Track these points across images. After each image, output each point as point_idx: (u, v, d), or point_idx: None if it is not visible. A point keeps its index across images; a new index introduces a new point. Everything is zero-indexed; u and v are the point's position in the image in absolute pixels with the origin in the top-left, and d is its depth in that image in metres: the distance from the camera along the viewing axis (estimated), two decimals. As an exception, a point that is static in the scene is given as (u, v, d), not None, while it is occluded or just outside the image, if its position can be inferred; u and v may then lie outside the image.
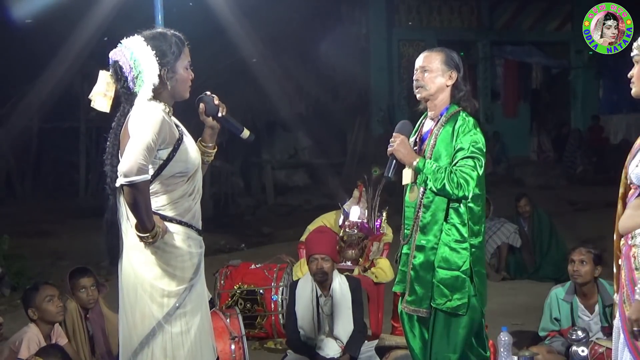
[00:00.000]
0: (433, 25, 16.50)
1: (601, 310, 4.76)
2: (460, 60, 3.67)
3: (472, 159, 3.44)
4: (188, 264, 2.99)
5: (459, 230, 3.49)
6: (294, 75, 13.67)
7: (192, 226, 3.02)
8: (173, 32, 3.10)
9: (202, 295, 3.10)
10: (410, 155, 3.50)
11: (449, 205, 3.50)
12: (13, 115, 12.96)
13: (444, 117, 3.59)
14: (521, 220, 7.77)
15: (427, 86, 3.60)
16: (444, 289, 3.50)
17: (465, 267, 3.48)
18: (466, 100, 3.63)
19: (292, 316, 4.83)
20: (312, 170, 14.60)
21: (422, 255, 3.55)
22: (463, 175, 3.40)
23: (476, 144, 3.47)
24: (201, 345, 3.05)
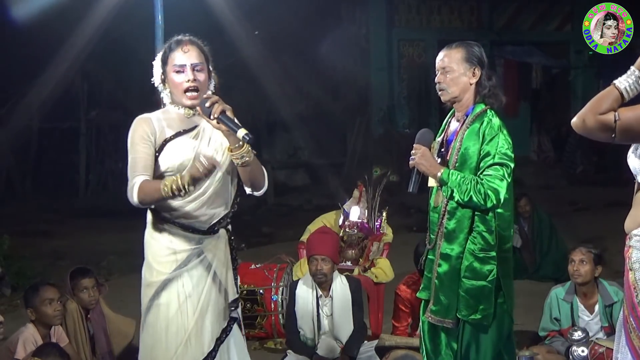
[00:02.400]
0: (433, 25, 16.48)
1: (601, 310, 4.76)
2: (483, 52, 3.46)
3: (500, 166, 3.27)
4: (169, 258, 3.05)
5: (486, 239, 3.33)
6: (294, 75, 13.67)
7: (180, 224, 3.05)
8: (177, 36, 3.12)
9: (190, 298, 3.06)
10: (434, 167, 3.33)
11: (475, 213, 3.34)
12: (13, 115, 12.97)
13: (469, 118, 3.41)
14: (521, 220, 7.76)
15: (450, 89, 3.41)
16: (470, 299, 3.36)
17: (492, 277, 3.33)
18: (491, 96, 3.43)
19: (292, 316, 4.83)
20: (312, 170, 14.60)
21: (447, 265, 3.40)
22: (490, 186, 3.24)
23: (503, 149, 3.29)
24: (177, 343, 3.05)
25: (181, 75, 3.04)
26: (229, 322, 3.17)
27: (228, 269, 3.18)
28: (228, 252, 3.18)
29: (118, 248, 8.95)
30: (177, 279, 3.06)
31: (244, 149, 2.94)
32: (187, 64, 3.04)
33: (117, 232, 9.80)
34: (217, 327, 3.13)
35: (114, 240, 9.51)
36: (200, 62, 3.07)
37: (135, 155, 3.02)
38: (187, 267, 3.06)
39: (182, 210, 3.05)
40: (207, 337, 3.09)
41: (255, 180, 3.09)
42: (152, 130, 3.04)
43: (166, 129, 3.06)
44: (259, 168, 3.07)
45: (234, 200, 3.19)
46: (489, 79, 3.43)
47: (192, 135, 3.07)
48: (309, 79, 13.91)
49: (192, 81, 3.03)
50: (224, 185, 3.13)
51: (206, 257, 3.10)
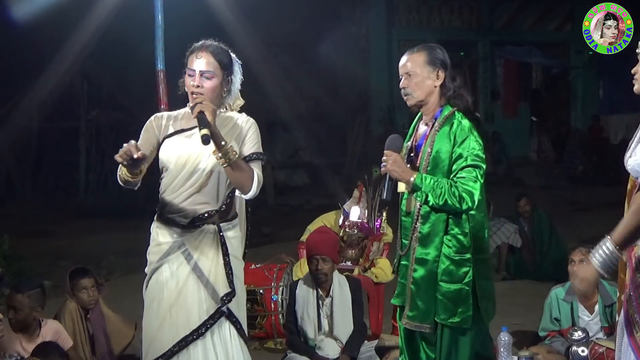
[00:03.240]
0: (433, 25, 16.51)
1: (601, 310, 4.76)
2: (445, 54, 3.43)
3: (473, 167, 3.26)
4: (155, 249, 3.26)
5: (461, 241, 3.32)
6: (294, 75, 13.67)
7: (164, 218, 3.23)
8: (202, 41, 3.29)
9: (168, 287, 3.20)
10: (406, 172, 3.29)
11: (449, 216, 3.32)
12: (13, 115, 12.97)
13: (438, 122, 3.39)
14: (521, 220, 7.76)
15: (415, 93, 3.40)
16: (448, 302, 3.33)
17: (468, 279, 3.32)
18: (456, 97, 3.40)
19: (292, 316, 4.83)
20: (312, 170, 14.60)
21: (424, 269, 3.37)
22: (465, 188, 3.23)
23: (475, 151, 3.28)
24: (152, 334, 3.22)
25: (190, 79, 3.19)
26: (212, 316, 3.20)
27: (217, 264, 3.23)
28: (217, 248, 3.23)
29: (118, 248, 8.96)
30: (159, 268, 3.24)
31: (223, 150, 3.03)
32: (197, 69, 3.17)
33: (117, 232, 9.81)
34: (196, 318, 3.19)
35: (114, 240, 9.52)
36: (209, 70, 3.17)
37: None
38: (168, 257, 3.22)
39: (168, 206, 3.23)
40: (182, 326, 3.18)
41: (238, 183, 3.14)
42: (158, 125, 3.30)
43: (170, 127, 3.27)
44: (243, 171, 3.11)
45: (224, 200, 3.25)
46: (453, 80, 3.41)
47: (187, 134, 3.22)
48: (309, 79, 13.91)
49: (196, 87, 3.16)
50: (211, 184, 3.21)
51: (187, 249, 3.21)
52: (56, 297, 6.18)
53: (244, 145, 3.23)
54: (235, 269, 3.27)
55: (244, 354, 3.28)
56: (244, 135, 3.24)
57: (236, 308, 3.27)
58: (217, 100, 3.23)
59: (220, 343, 3.22)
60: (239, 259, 3.34)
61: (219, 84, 3.21)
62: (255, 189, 3.14)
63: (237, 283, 3.27)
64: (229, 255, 3.24)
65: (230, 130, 3.23)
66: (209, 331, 3.19)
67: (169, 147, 3.21)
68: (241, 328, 3.29)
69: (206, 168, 3.16)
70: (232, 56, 3.34)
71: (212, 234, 3.23)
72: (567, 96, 17.73)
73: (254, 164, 3.19)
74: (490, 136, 15.88)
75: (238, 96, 3.41)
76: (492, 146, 15.69)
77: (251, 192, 3.15)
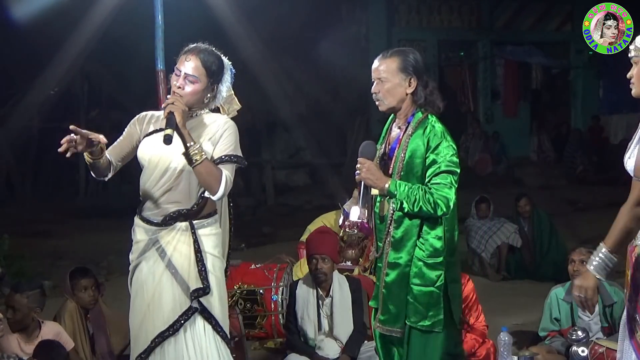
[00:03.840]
0: (433, 25, 16.49)
1: (601, 310, 4.76)
2: (419, 59, 3.39)
3: (447, 173, 3.24)
4: (134, 247, 3.35)
5: (434, 245, 3.30)
6: (294, 75, 13.67)
7: (140, 217, 3.33)
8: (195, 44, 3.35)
9: (146, 283, 3.28)
10: (380, 180, 3.28)
11: (423, 220, 3.30)
12: (13, 115, 12.96)
13: (411, 126, 3.36)
14: (521, 220, 7.77)
15: (386, 100, 3.38)
16: (419, 306, 3.32)
17: (440, 282, 3.30)
18: (428, 104, 3.37)
19: (292, 316, 4.83)
20: (312, 170, 14.60)
21: (396, 273, 3.35)
22: (440, 194, 3.21)
23: (448, 156, 3.26)
24: (136, 331, 3.31)
25: (175, 79, 3.26)
26: (186, 311, 3.24)
27: (190, 261, 3.27)
28: (190, 244, 3.27)
29: (118, 248, 8.91)
30: (138, 266, 3.33)
31: (190, 151, 3.11)
32: (183, 71, 3.24)
33: (117, 232, 9.77)
34: (170, 313, 3.25)
35: (114, 240, 9.49)
36: (194, 75, 3.23)
37: (118, 139, 3.44)
38: (145, 255, 3.30)
39: (144, 204, 3.33)
40: (159, 322, 3.25)
41: (205, 184, 3.20)
42: (141, 123, 3.41)
43: (151, 126, 3.37)
44: (210, 173, 3.16)
45: (197, 199, 3.29)
46: (425, 86, 3.38)
47: (162, 133, 3.23)
48: (309, 79, 13.90)
49: (177, 87, 3.23)
50: (183, 183, 3.27)
51: (161, 246, 3.27)
52: (56, 297, 6.18)
53: (218, 147, 3.26)
54: (211, 266, 3.30)
55: (219, 351, 3.29)
56: (218, 137, 3.27)
57: (212, 305, 3.29)
58: (197, 104, 3.30)
59: (193, 339, 3.26)
60: (216, 256, 3.34)
61: (201, 90, 3.27)
62: (223, 191, 3.19)
63: (213, 279, 3.30)
64: (202, 252, 3.28)
65: (206, 131, 3.28)
66: (182, 327, 3.24)
67: (146, 145, 3.31)
68: (217, 324, 3.30)
69: (177, 167, 3.23)
70: (224, 63, 3.37)
71: (185, 231, 3.28)
72: (567, 96, 17.72)
73: (225, 166, 3.22)
74: (490, 136, 15.88)
75: (235, 101, 3.47)
76: (492, 146, 15.69)
77: (219, 194, 3.19)
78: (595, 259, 2.94)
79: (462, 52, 17.10)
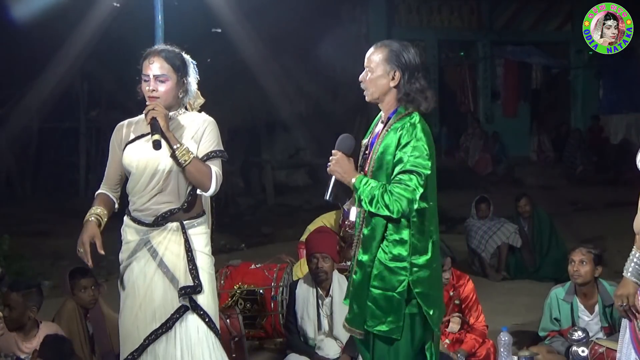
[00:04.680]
0: (433, 25, 16.48)
1: (601, 310, 4.76)
2: (410, 54, 3.25)
3: (411, 173, 3.07)
4: (124, 247, 3.47)
5: (398, 249, 3.15)
6: (294, 75, 13.66)
7: (131, 217, 3.43)
8: (153, 47, 3.49)
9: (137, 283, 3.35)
10: (348, 173, 3.20)
11: (389, 221, 3.16)
12: (13, 115, 12.96)
13: (391, 121, 3.24)
14: (521, 220, 7.77)
15: (369, 89, 3.29)
16: (377, 310, 3.17)
17: (402, 288, 3.13)
18: (410, 101, 3.21)
19: (292, 316, 4.83)
20: (312, 170, 14.60)
21: (360, 273, 3.25)
22: (398, 194, 3.05)
23: (415, 156, 3.09)
24: (127, 330, 3.36)
25: (146, 84, 3.37)
26: (178, 309, 3.31)
27: (181, 260, 3.35)
28: (181, 244, 3.35)
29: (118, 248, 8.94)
30: (129, 266, 3.42)
31: (177, 153, 3.21)
32: (150, 74, 3.34)
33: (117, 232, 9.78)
34: (162, 311, 3.32)
35: (114, 240, 9.49)
36: (162, 74, 3.35)
37: (107, 164, 3.55)
38: (136, 255, 3.39)
39: (134, 205, 3.42)
40: (150, 319, 3.32)
41: (197, 182, 3.31)
42: (119, 138, 3.49)
43: (131, 134, 3.45)
44: (200, 171, 3.28)
45: (186, 197, 3.38)
46: (411, 83, 3.22)
47: (147, 138, 3.36)
48: (309, 79, 13.90)
49: (151, 91, 3.33)
50: (172, 183, 3.35)
51: (152, 246, 3.36)
52: (56, 297, 6.19)
53: (202, 144, 3.35)
54: (202, 264, 3.39)
55: (210, 347, 3.35)
56: (201, 135, 3.36)
57: (204, 301, 3.36)
58: (174, 101, 3.39)
59: (183, 337, 3.32)
60: (206, 254, 3.44)
61: (173, 86, 3.36)
62: (215, 186, 3.31)
63: (205, 277, 3.38)
64: (192, 250, 3.36)
65: (187, 130, 3.37)
66: (174, 325, 3.31)
67: (131, 152, 3.39)
68: (210, 321, 3.37)
69: (165, 168, 3.31)
70: (184, 58, 3.46)
71: (176, 231, 3.37)
72: (567, 96, 17.72)
73: (212, 162, 3.34)
74: (490, 136, 15.88)
75: (198, 95, 3.54)
76: (492, 146, 15.69)
77: (211, 190, 3.31)
78: (631, 265, 2.94)
79: (462, 52, 17.10)
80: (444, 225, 9.92)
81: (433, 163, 3.18)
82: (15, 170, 14.45)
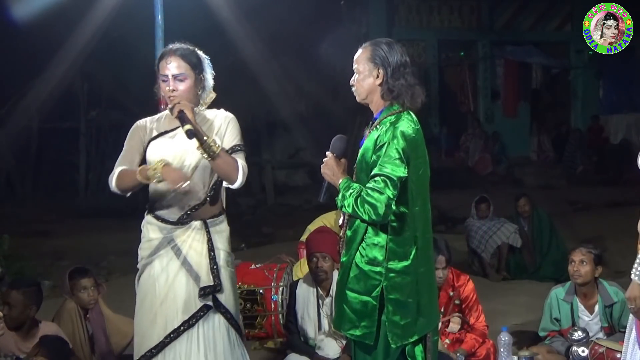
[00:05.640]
0: (433, 25, 16.49)
1: (601, 310, 4.76)
2: (394, 50, 3.17)
3: (382, 177, 2.98)
4: (146, 245, 3.41)
5: (374, 252, 3.08)
6: (294, 75, 13.66)
7: (155, 215, 3.40)
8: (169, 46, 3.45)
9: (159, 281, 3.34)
10: (336, 175, 3.18)
11: (368, 225, 3.11)
12: (13, 115, 12.96)
13: (376, 122, 3.19)
14: (521, 220, 7.76)
15: (357, 90, 3.26)
16: (351, 313, 3.13)
17: (376, 293, 3.06)
18: (395, 97, 3.14)
19: (292, 316, 4.83)
20: (312, 170, 14.59)
21: (340, 274, 3.22)
22: (368, 199, 2.97)
23: (387, 160, 3.00)
24: (144, 329, 3.36)
25: (165, 85, 3.36)
26: (201, 308, 3.33)
27: (204, 258, 3.37)
28: (204, 242, 3.38)
29: (118, 248, 8.95)
30: (150, 264, 3.38)
31: (206, 145, 3.20)
32: (169, 74, 3.34)
33: (117, 232, 9.80)
34: (185, 310, 3.33)
35: (114, 240, 9.51)
36: (181, 73, 3.35)
37: (124, 151, 3.48)
38: (159, 253, 3.36)
39: (157, 203, 3.41)
40: (172, 317, 3.32)
41: (223, 174, 3.32)
42: (142, 132, 3.47)
43: (154, 130, 3.46)
44: (227, 163, 3.29)
45: (209, 192, 3.41)
46: (395, 79, 3.15)
47: (171, 135, 3.41)
48: (309, 79, 13.90)
49: (171, 91, 3.33)
50: (196, 179, 3.37)
51: (177, 244, 3.36)
52: (56, 297, 6.19)
53: (225, 139, 3.39)
54: (223, 262, 3.42)
55: (232, 344, 3.39)
56: (224, 130, 3.40)
57: (226, 299, 3.39)
58: (194, 99, 3.41)
59: (205, 335, 3.34)
60: (228, 251, 3.47)
61: (192, 84, 3.39)
62: (242, 179, 3.32)
63: (226, 274, 3.41)
64: (215, 249, 3.39)
65: (211, 126, 3.40)
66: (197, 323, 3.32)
67: (155, 148, 3.39)
68: (232, 318, 3.41)
69: (191, 164, 3.34)
70: (199, 54, 3.46)
71: (199, 229, 3.38)
72: (567, 96, 17.73)
73: (237, 155, 3.37)
74: (490, 136, 15.89)
75: (210, 90, 3.53)
76: (492, 146, 15.70)
77: (238, 182, 3.33)
78: (638, 268, 2.94)
79: (462, 52, 17.10)
80: (443, 225, 9.93)
81: (419, 166, 3.13)
82: (15, 170, 14.46)
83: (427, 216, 3.24)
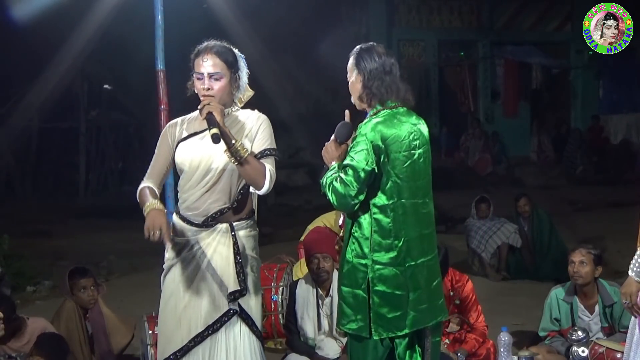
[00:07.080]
0: (433, 25, 16.50)
1: (601, 311, 4.76)
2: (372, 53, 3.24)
3: (347, 167, 3.08)
4: (171, 246, 3.33)
5: (360, 245, 3.13)
6: (295, 75, 13.67)
7: (181, 216, 3.34)
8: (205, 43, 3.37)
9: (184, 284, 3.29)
10: (331, 160, 3.22)
11: (356, 217, 3.16)
12: (13, 115, 12.98)
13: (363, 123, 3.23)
14: (521, 220, 7.76)
15: (352, 98, 3.32)
16: (347, 308, 3.18)
17: (364, 285, 3.12)
18: (373, 95, 3.22)
19: (292, 316, 4.83)
20: (312, 170, 14.60)
21: (339, 272, 3.27)
22: (335, 187, 3.08)
23: (354, 151, 3.09)
24: (168, 332, 3.31)
25: (199, 83, 3.28)
26: (226, 313, 3.27)
27: (229, 263, 3.29)
28: (230, 246, 3.30)
29: (118, 248, 8.96)
30: (175, 265, 3.33)
31: (233, 149, 3.11)
32: (205, 72, 3.25)
33: (117, 232, 9.81)
34: (209, 314, 3.27)
35: (114, 240, 9.52)
36: (216, 72, 3.26)
37: (154, 158, 3.42)
38: (182, 255, 3.31)
39: (185, 203, 3.34)
40: (196, 321, 3.27)
41: (250, 180, 3.23)
42: (172, 133, 3.40)
43: (184, 131, 3.38)
44: (254, 168, 3.20)
45: (236, 196, 3.33)
46: (372, 81, 3.21)
47: (200, 136, 3.32)
48: (309, 79, 13.91)
49: (206, 89, 3.25)
50: (223, 182, 3.29)
51: (201, 247, 3.29)
52: (56, 298, 6.19)
53: (256, 142, 3.29)
54: (249, 268, 3.35)
55: (252, 351, 3.32)
56: (255, 132, 3.31)
57: (249, 305, 3.33)
58: (228, 98, 3.34)
59: (227, 340, 3.29)
60: (254, 257, 3.41)
61: (227, 83, 3.31)
62: (268, 185, 3.24)
63: (251, 280, 3.34)
64: (240, 254, 3.31)
65: (241, 128, 3.32)
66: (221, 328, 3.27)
67: (184, 150, 3.32)
68: (253, 324, 3.34)
69: (219, 167, 3.26)
70: (235, 53, 3.42)
71: (225, 233, 3.31)
72: (567, 96, 17.73)
73: (266, 160, 3.27)
74: (490, 136, 15.89)
75: (247, 88, 3.47)
76: (492, 146, 15.70)
77: (264, 188, 3.25)
78: (636, 264, 2.96)
79: (462, 52, 17.11)
80: (443, 225, 9.92)
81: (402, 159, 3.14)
82: (15, 170, 14.46)
83: (421, 210, 3.23)
